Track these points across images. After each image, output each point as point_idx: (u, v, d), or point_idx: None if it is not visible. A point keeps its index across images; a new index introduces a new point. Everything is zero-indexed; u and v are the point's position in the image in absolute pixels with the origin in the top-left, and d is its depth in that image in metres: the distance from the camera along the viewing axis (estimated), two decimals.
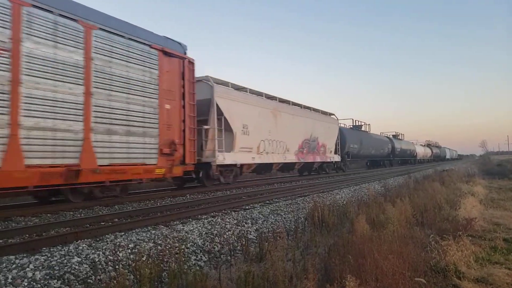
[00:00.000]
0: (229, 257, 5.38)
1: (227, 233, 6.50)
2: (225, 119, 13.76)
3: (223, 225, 6.98)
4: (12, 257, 4.46)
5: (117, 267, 4.54)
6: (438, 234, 5.71)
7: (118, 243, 5.27)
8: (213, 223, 7.02)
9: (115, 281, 3.63)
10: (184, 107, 10.14)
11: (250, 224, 7.36)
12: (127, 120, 9.02)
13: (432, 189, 11.43)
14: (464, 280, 4.34)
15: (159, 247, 5.31)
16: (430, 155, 61.96)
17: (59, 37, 7.83)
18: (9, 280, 3.84)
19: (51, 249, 4.93)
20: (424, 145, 62.00)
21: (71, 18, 8.08)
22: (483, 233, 6.88)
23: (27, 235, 6.03)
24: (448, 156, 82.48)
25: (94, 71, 8.39)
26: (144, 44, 9.47)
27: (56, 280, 3.97)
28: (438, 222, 6.98)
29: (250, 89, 16.52)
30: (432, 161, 63.80)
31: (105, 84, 8.61)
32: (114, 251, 4.92)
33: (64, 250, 4.86)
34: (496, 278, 4.43)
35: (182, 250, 4.98)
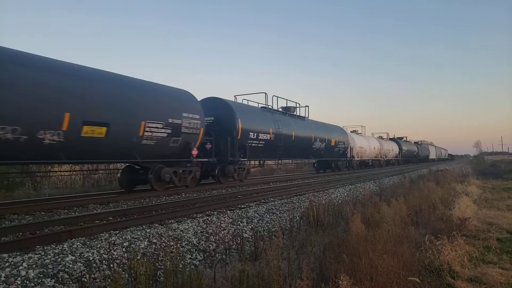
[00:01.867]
0: (224, 256, 5.38)
1: (222, 232, 6.49)
2: None
3: (218, 224, 6.97)
4: (5, 255, 4.43)
5: (111, 265, 4.52)
6: (433, 233, 5.74)
7: (112, 242, 5.24)
8: (208, 222, 7.01)
9: (109, 280, 3.61)
10: None
11: (245, 223, 7.36)
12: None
13: (427, 189, 11.47)
14: (458, 279, 4.36)
15: (154, 246, 5.29)
16: (397, 155, 42.13)
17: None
18: (2, 279, 3.81)
19: (45, 248, 4.89)
20: (386, 139, 42.17)
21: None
22: (477, 232, 6.91)
23: (20, 233, 5.99)
24: (433, 156, 64.64)
25: None
26: None
27: (49, 279, 3.95)
28: (433, 221, 7.01)
29: None
30: (402, 163, 43.70)
31: None
32: (108, 250, 4.90)
33: (58, 248, 4.83)
34: (490, 277, 4.45)
35: (177, 249, 4.96)
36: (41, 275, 3.98)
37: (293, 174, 25.24)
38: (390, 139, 43.86)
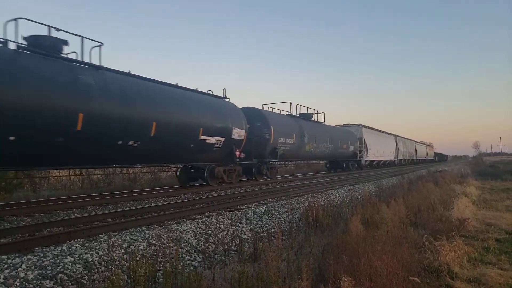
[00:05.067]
0: (223, 257, 5.38)
1: (221, 233, 6.49)
2: None
3: (218, 225, 6.97)
4: (4, 257, 4.41)
5: (110, 267, 4.51)
6: (432, 234, 5.75)
7: (112, 243, 5.23)
8: (207, 223, 7.00)
9: (109, 281, 3.61)
10: None
11: (244, 224, 7.35)
12: None
13: (426, 190, 11.49)
14: (457, 280, 4.37)
15: (153, 247, 5.28)
16: None
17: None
18: (1, 280, 3.80)
19: (44, 249, 4.88)
20: None
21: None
22: (476, 233, 6.93)
23: (19, 235, 5.97)
24: (384, 156, 37.01)
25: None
26: None
27: (48, 280, 3.94)
28: (432, 222, 7.02)
29: None
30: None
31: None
32: (107, 251, 4.89)
33: (57, 250, 4.82)
34: (489, 278, 4.46)
35: (177, 250, 4.96)
36: (40, 277, 3.97)
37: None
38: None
